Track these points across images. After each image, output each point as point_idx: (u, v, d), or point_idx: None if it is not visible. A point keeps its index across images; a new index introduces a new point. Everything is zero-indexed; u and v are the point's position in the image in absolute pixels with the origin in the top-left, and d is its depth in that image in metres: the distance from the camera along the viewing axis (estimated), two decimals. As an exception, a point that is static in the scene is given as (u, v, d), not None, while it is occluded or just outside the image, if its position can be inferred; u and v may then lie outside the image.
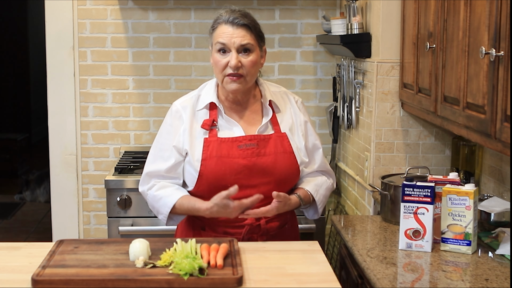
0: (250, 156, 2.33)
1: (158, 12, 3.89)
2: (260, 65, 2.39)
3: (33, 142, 8.53)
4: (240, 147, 2.34)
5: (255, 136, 2.37)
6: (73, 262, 2.01)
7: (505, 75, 1.87)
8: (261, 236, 2.38)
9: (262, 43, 2.39)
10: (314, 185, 2.46)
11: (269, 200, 2.35)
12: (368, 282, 2.11)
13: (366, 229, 2.57)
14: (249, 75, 2.32)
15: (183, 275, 1.88)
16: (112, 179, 3.44)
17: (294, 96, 2.53)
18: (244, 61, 2.29)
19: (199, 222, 2.43)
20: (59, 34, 3.87)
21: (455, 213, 2.21)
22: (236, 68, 2.28)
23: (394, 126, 3.01)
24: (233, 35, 2.29)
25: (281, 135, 2.40)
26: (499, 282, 1.98)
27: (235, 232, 2.36)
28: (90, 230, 4.01)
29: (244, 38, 2.29)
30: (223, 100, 2.41)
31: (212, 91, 2.41)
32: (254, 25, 2.33)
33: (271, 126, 2.42)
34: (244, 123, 2.40)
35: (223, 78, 2.32)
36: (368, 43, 3.14)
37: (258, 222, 2.37)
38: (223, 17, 2.33)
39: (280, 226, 2.44)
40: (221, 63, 2.30)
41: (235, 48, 2.29)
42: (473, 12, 2.12)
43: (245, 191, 2.32)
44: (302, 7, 3.92)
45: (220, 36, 2.31)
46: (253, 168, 2.32)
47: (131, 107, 3.95)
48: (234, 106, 2.41)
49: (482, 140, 2.09)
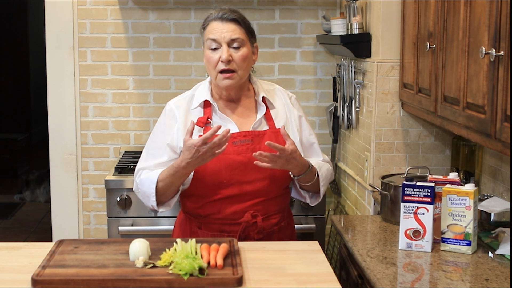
0: (245, 152, 2.34)
1: (158, 12, 3.89)
2: (252, 62, 2.42)
3: (33, 142, 8.53)
4: (235, 144, 2.35)
5: (249, 132, 2.38)
6: (73, 262, 2.01)
7: (505, 75, 1.87)
8: (258, 233, 2.38)
9: (253, 39, 2.42)
10: (316, 163, 2.45)
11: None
12: (368, 282, 2.11)
13: (366, 229, 2.57)
14: (240, 69, 2.33)
15: (183, 275, 1.88)
16: (112, 179, 3.44)
17: (288, 93, 2.55)
18: (235, 55, 2.32)
19: (196, 221, 2.43)
20: (59, 34, 3.87)
21: (455, 213, 2.21)
22: (227, 62, 2.30)
23: (394, 126, 3.01)
24: (223, 30, 2.32)
25: (276, 130, 2.41)
26: (499, 282, 1.98)
27: (231, 230, 2.37)
28: (90, 230, 4.01)
29: (234, 32, 2.33)
30: (217, 98, 2.44)
31: (206, 90, 2.43)
32: (243, 19, 2.37)
33: (266, 122, 2.43)
34: (238, 120, 2.42)
35: (216, 75, 2.34)
36: (368, 43, 3.14)
37: (255, 220, 2.37)
38: (213, 15, 2.38)
39: (277, 224, 2.44)
40: (213, 59, 2.33)
41: (225, 42, 2.32)
42: (473, 12, 2.12)
43: (241, 187, 2.34)
44: (302, 7, 3.92)
45: (210, 33, 2.34)
46: (248, 164, 2.33)
47: (131, 107, 3.95)
48: (228, 103, 2.43)
49: (482, 140, 2.09)
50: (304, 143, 2.48)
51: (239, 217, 2.36)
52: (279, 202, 2.44)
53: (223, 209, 2.37)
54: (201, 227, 2.41)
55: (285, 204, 2.51)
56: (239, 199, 2.36)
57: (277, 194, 2.42)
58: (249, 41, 2.38)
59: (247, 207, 2.37)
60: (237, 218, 2.36)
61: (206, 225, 2.40)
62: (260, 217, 2.38)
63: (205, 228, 2.40)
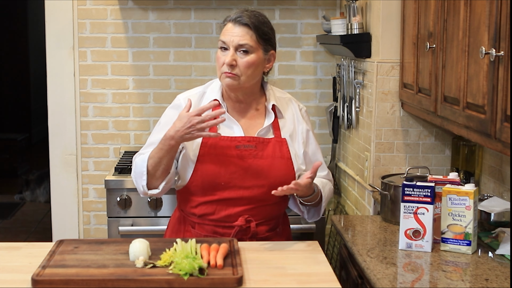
0: (247, 157, 2.33)
1: (158, 12, 3.89)
2: (264, 68, 2.37)
3: (33, 142, 8.53)
4: (238, 147, 2.34)
5: (254, 138, 2.37)
6: (73, 262, 2.01)
7: (505, 75, 1.87)
8: (251, 238, 2.36)
9: (269, 46, 2.35)
10: (320, 182, 2.43)
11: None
12: (368, 282, 2.11)
13: (366, 229, 2.57)
14: (243, 75, 2.30)
15: (183, 275, 1.88)
16: (112, 179, 3.44)
17: (299, 104, 2.52)
18: (240, 61, 2.29)
19: (190, 220, 2.42)
20: (59, 34, 3.87)
21: (455, 213, 2.21)
22: (230, 66, 2.28)
23: (394, 126, 3.01)
24: (233, 33, 2.30)
25: (281, 140, 2.40)
26: (499, 282, 1.98)
27: (224, 233, 2.36)
28: (90, 230, 4.01)
29: (243, 38, 2.29)
30: (227, 98, 2.42)
31: (217, 89, 2.42)
32: (257, 26, 2.31)
33: (272, 130, 2.42)
34: (245, 124, 2.40)
35: (220, 75, 2.33)
36: (368, 43, 3.14)
37: (248, 225, 2.36)
38: (231, 16, 2.34)
39: (271, 229, 2.43)
40: (220, 60, 2.32)
41: (233, 46, 2.29)
42: (473, 12, 2.12)
43: (238, 191, 2.33)
44: (302, 7, 3.92)
45: (223, 34, 2.33)
46: (248, 169, 2.32)
47: (131, 107, 3.95)
48: (237, 105, 2.41)
49: (482, 140, 2.09)
50: (309, 156, 2.47)
51: (233, 220, 2.35)
52: (275, 209, 2.43)
53: (218, 210, 2.36)
54: (194, 227, 2.41)
55: (282, 211, 2.49)
56: (235, 202, 2.35)
57: (274, 202, 2.40)
58: (261, 48, 2.32)
59: (242, 211, 2.35)
60: (231, 221, 2.35)
61: (200, 225, 2.40)
62: (254, 222, 2.36)
63: (199, 228, 2.39)
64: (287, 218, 2.56)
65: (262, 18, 2.35)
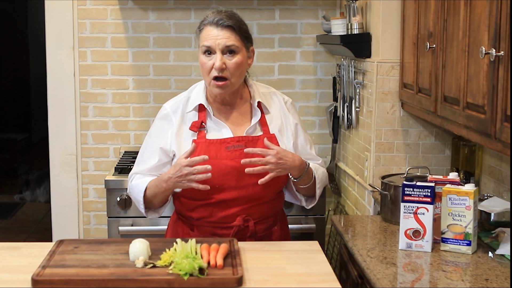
0: (238, 157, 2.33)
1: (158, 12, 3.89)
2: (248, 66, 2.40)
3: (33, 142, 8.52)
4: (228, 149, 2.34)
5: (243, 138, 2.37)
6: (73, 262, 2.02)
7: (505, 75, 1.87)
8: (250, 237, 2.37)
9: (249, 43, 2.39)
10: (313, 165, 2.45)
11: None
12: (368, 282, 2.11)
13: (366, 229, 2.57)
14: (233, 77, 2.32)
15: (183, 275, 1.88)
16: (112, 179, 3.44)
17: (284, 97, 2.53)
18: (228, 63, 2.30)
19: (188, 223, 2.43)
20: (59, 34, 3.87)
21: (455, 213, 2.21)
22: (220, 70, 2.28)
23: (394, 126, 3.01)
24: (218, 36, 2.30)
25: (270, 136, 2.40)
26: (499, 282, 1.98)
27: (223, 234, 2.36)
28: (90, 230, 4.01)
29: (229, 39, 2.30)
30: (212, 101, 2.42)
31: (201, 93, 2.42)
32: (239, 26, 2.33)
33: (260, 127, 2.42)
34: (233, 125, 2.41)
35: (210, 81, 2.33)
36: (368, 43, 3.14)
37: (247, 224, 2.37)
38: (209, 19, 2.34)
39: (269, 228, 2.44)
40: (207, 65, 2.31)
41: (220, 49, 2.29)
42: (473, 12, 2.12)
43: (233, 192, 2.33)
44: (302, 7, 3.92)
45: (205, 39, 2.32)
46: (241, 169, 2.31)
47: (131, 107, 3.95)
48: (222, 107, 2.42)
49: (482, 140, 2.09)
50: (299, 148, 2.48)
51: (231, 221, 2.36)
52: (272, 206, 2.43)
53: (215, 212, 2.36)
54: (193, 229, 2.41)
55: (279, 208, 2.50)
56: (231, 203, 2.35)
57: (270, 199, 2.41)
58: (244, 47, 2.35)
59: (239, 211, 2.36)
60: (229, 222, 2.36)
61: (198, 227, 2.40)
62: (252, 221, 2.37)
63: (197, 231, 2.40)
64: (284, 215, 2.58)
65: (238, 17, 2.38)
